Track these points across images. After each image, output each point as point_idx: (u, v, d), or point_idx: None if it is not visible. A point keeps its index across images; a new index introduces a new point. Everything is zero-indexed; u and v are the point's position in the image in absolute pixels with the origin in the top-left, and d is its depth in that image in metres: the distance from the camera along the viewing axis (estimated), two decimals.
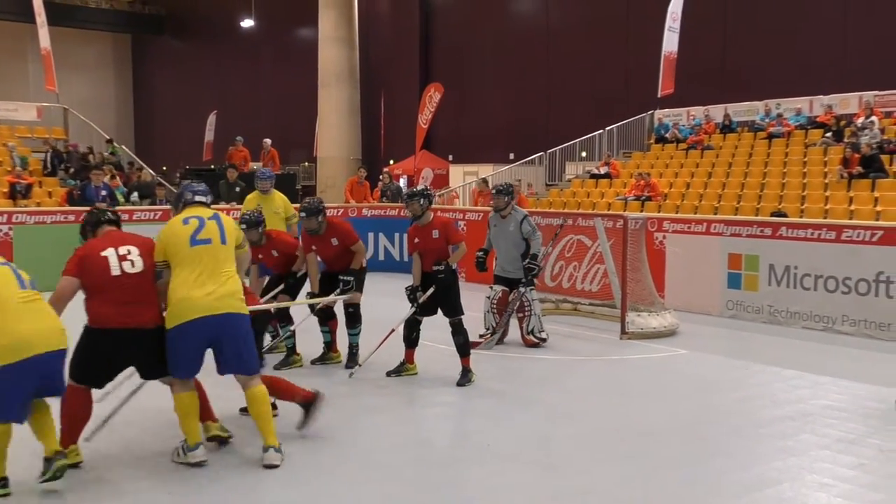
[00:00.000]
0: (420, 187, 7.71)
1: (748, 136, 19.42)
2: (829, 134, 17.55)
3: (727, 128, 20.01)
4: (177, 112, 36.87)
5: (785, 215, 13.79)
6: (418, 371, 7.54)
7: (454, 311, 7.37)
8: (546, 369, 8.07)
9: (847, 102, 18.87)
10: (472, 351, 7.46)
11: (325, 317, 7.91)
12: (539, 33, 26.05)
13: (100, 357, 5.03)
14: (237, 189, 14.85)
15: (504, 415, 6.49)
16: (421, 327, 7.50)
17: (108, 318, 4.97)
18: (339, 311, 7.90)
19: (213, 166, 23.33)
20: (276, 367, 7.59)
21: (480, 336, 8.80)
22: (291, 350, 7.88)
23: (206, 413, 5.48)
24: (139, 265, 5.10)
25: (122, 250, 5.09)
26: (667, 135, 20.91)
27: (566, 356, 8.54)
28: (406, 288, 7.47)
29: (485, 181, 19.82)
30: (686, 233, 11.31)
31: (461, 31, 28.24)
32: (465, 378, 7.24)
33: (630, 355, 8.69)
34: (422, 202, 7.36)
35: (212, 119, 28.68)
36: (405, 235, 8.23)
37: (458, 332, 7.32)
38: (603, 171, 19.99)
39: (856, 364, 8.32)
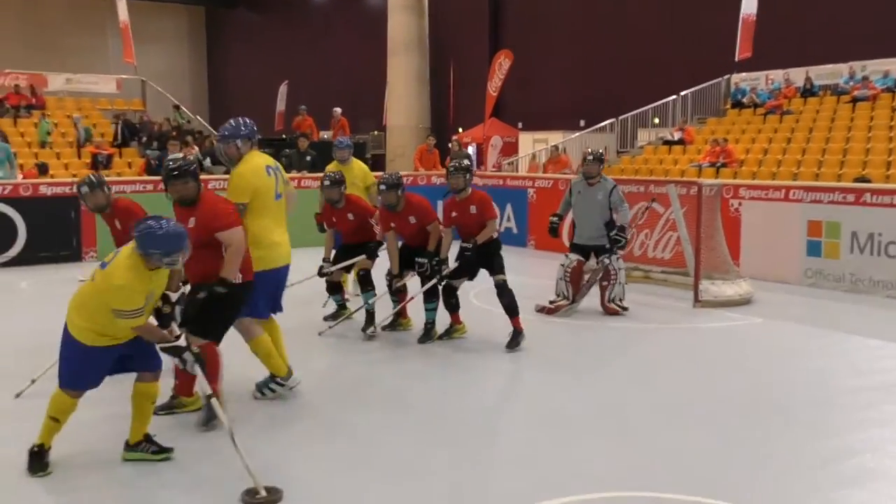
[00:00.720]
0: (465, 161, 7.62)
1: (831, 101, 18.70)
2: None
3: (808, 91, 19.30)
4: (249, 83, 37.35)
5: (869, 181, 13.27)
6: (467, 330, 7.59)
7: (499, 269, 7.32)
8: (619, 337, 7.98)
9: None
10: (550, 317, 7.48)
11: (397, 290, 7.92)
12: None
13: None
14: (308, 158, 15.00)
15: (576, 382, 6.45)
16: (459, 292, 7.59)
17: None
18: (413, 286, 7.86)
19: (283, 136, 23.62)
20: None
21: (550, 302, 8.75)
22: (371, 316, 7.90)
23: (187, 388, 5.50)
24: None
25: None
26: (744, 99, 20.29)
27: (638, 324, 8.42)
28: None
29: (556, 148, 19.60)
30: (763, 199, 10.99)
31: None
32: (516, 341, 7.20)
33: (704, 324, 8.52)
34: (467, 177, 7.33)
35: (283, 89, 28.94)
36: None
37: (503, 293, 7.26)
38: (676, 137, 19.56)
39: None
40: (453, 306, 7.56)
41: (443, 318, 7.54)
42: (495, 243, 7.35)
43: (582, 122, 23.73)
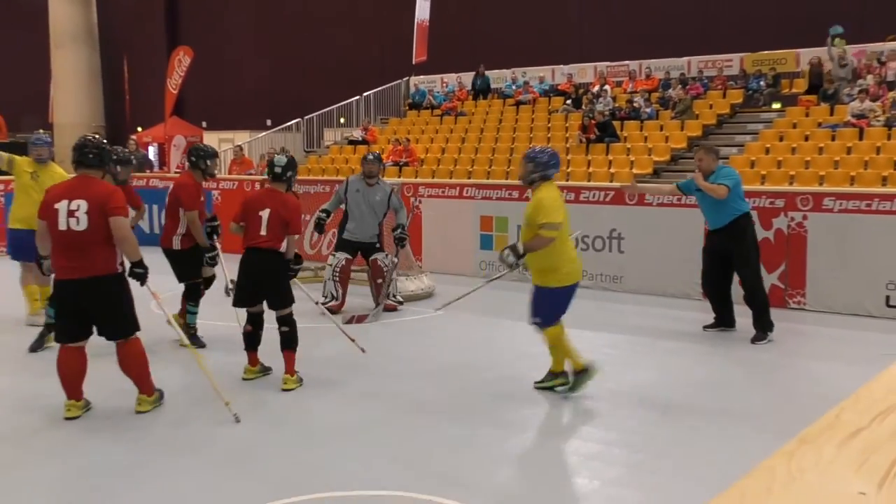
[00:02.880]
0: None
1: (498, 103, 20.33)
2: (569, 101, 18.79)
3: (482, 88, 20.77)
4: None
5: None
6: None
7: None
8: (313, 336, 7.98)
9: (584, 72, 20.30)
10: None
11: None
12: None
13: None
14: None
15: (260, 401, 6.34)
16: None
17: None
18: None
19: None
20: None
21: (317, 303, 8.41)
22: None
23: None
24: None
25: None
26: (422, 101, 21.37)
27: (323, 323, 8.49)
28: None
29: (240, 148, 19.21)
30: (441, 197, 11.65)
31: None
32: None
33: (391, 319, 8.82)
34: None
35: None
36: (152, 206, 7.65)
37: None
38: (361, 136, 20.08)
39: (593, 313, 9.03)
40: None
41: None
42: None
43: (269, 122, 23.52)
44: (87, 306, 5.33)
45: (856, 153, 13.89)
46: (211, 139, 24.94)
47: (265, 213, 6.25)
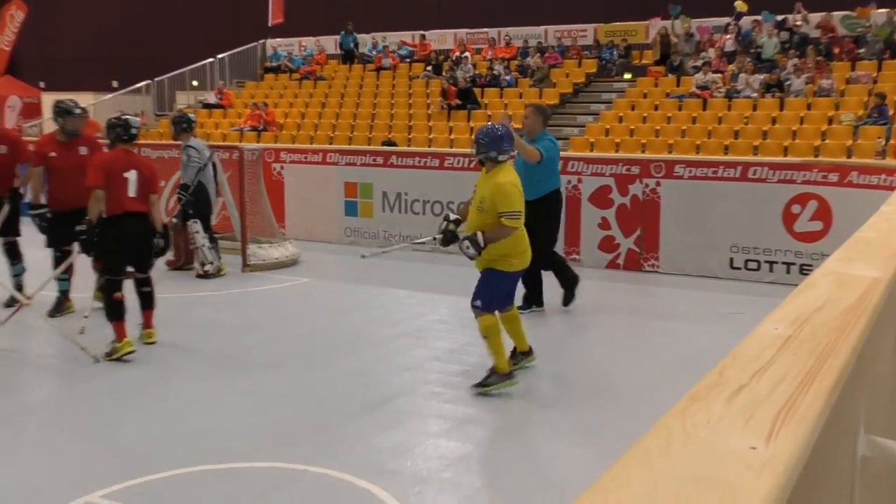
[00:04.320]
0: None
1: (358, 68, 20.07)
2: (429, 68, 18.79)
3: (349, 47, 20.42)
4: None
5: (395, 144, 14.54)
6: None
7: None
8: (165, 309, 7.67)
9: (444, 38, 20.34)
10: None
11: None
12: None
13: None
14: None
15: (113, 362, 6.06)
16: None
17: None
18: None
19: None
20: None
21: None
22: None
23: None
24: None
25: None
26: (278, 64, 20.81)
27: (184, 293, 8.19)
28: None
29: (85, 111, 18.09)
30: (304, 163, 11.41)
31: None
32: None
33: (254, 287, 8.61)
34: None
35: None
36: None
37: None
38: (215, 100, 19.36)
39: (458, 280, 9.13)
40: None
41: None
42: None
43: (115, 83, 22.27)
44: None
45: (700, 123, 14.64)
46: (50, 100, 23.36)
47: (132, 175, 6.08)
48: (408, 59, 19.81)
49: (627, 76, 17.42)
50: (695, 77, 15.80)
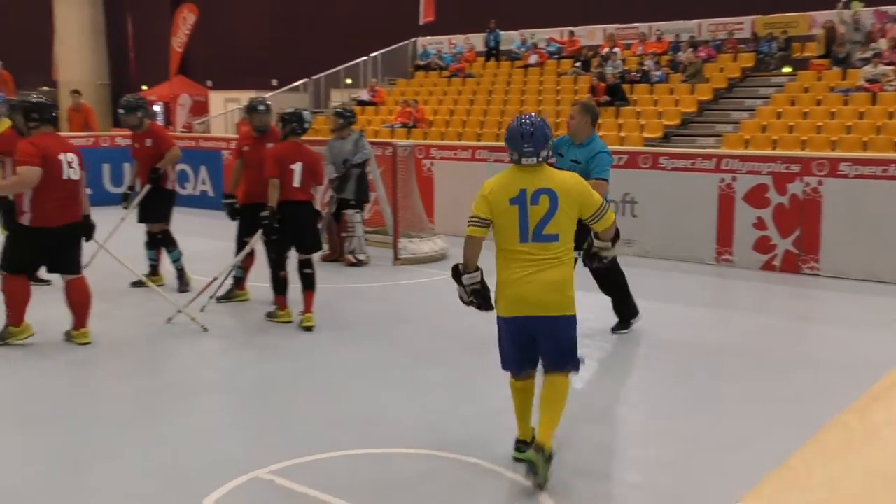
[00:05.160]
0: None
1: (506, 65, 20.18)
2: (578, 64, 18.66)
3: (494, 45, 20.58)
4: None
5: None
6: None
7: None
8: (323, 298, 8.05)
9: (593, 34, 20.13)
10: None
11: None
12: None
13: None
14: None
15: (277, 345, 6.42)
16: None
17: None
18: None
19: None
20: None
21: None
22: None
23: None
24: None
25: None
26: (428, 62, 21.23)
27: (341, 284, 8.56)
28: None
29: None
30: (453, 159, 11.63)
31: None
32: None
33: (404, 280, 8.88)
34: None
35: None
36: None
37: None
38: (368, 97, 19.97)
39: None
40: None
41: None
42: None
43: (274, 82, 23.38)
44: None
45: (868, 118, 13.82)
46: (216, 98, 24.84)
47: (297, 167, 6.65)
48: (556, 56, 19.74)
49: (787, 70, 16.66)
50: (863, 70, 14.92)
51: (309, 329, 6.69)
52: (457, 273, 4.15)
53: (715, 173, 9.45)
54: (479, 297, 4.13)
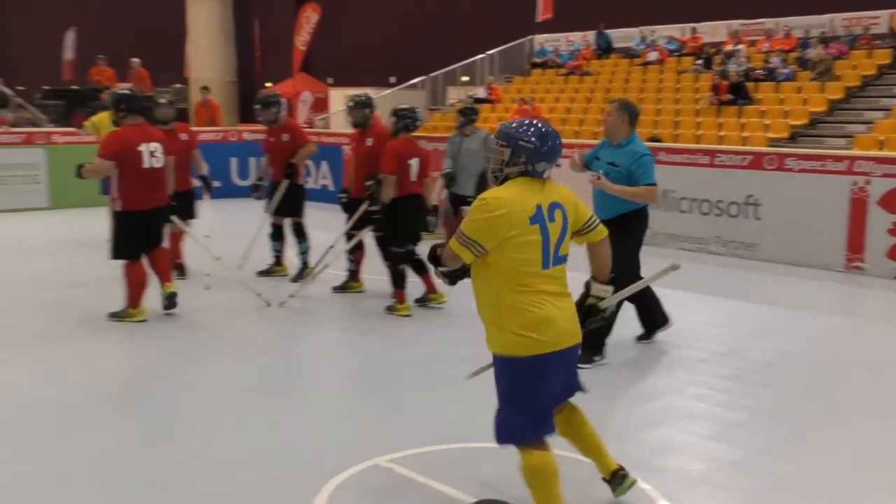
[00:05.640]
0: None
1: (624, 62, 19.87)
2: (699, 61, 18.17)
3: (605, 46, 20.32)
4: (35, 27, 34.29)
5: (660, 140, 14.27)
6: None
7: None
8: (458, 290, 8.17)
9: (716, 30, 19.55)
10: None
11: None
12: None
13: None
14: None
15: (393, 336, 6.55)
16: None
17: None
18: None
19: (75, 86, 21.91)
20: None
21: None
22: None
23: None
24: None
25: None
26: (545, 59, 21.13)
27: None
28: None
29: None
30: (568, 157, 11.51)
31: None
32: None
33: None
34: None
35: (70, 36, 26.78)
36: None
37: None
38: (485, 95, 20.05)
39: (727, 281, 8.84)
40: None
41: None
42: None
43: (392, 79, 23.77)
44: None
45: None
46: (336, 95, 25.45)
47: (414, 162, 6.92)
48: (676, 53, 19.29)
49: None
50: None
51: (440, 306, 7.17)
52: (435, 259, 3.54)
53: (847, 176, 9.04)
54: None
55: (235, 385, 5.45)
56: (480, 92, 20.38)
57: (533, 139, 3.39)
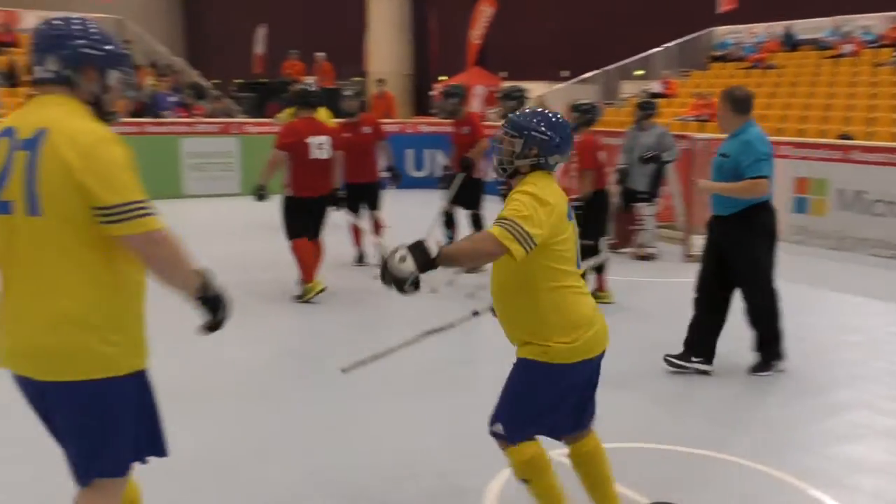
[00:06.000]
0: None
1: (812, 55, 18.78)
2: None
3: (789, 43, 19.32)
4: (228, 24, 36.67)
5: (851, 138, 13.41)
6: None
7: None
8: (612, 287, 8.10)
9: None
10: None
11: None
12: None
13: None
14: None
15: None
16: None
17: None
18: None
19: (264, 80, 23.27)
20: None
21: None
22: None
23: None
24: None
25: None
26: (726, 52, 20.33)
27: (626, 277, 8.54)
28: None
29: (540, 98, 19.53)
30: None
31: None
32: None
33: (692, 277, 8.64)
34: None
35: (261, 32, 28.43)
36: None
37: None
38: (660, 89, 19.56)
39: None
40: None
41: None
42: None
43: (565, 73, 23.63)
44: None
45: None
46: None
47: (603, 156, 7.28)
48: (873, 45, 18.01)
49: None
50: None
51: (606, 304, 7.10)
52: (425, 256, 2.90)
53: None
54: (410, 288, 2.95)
55: (402, 373, 5.66)
56: (655, 86, 19.90)
57: (547, 130, 3.17)
